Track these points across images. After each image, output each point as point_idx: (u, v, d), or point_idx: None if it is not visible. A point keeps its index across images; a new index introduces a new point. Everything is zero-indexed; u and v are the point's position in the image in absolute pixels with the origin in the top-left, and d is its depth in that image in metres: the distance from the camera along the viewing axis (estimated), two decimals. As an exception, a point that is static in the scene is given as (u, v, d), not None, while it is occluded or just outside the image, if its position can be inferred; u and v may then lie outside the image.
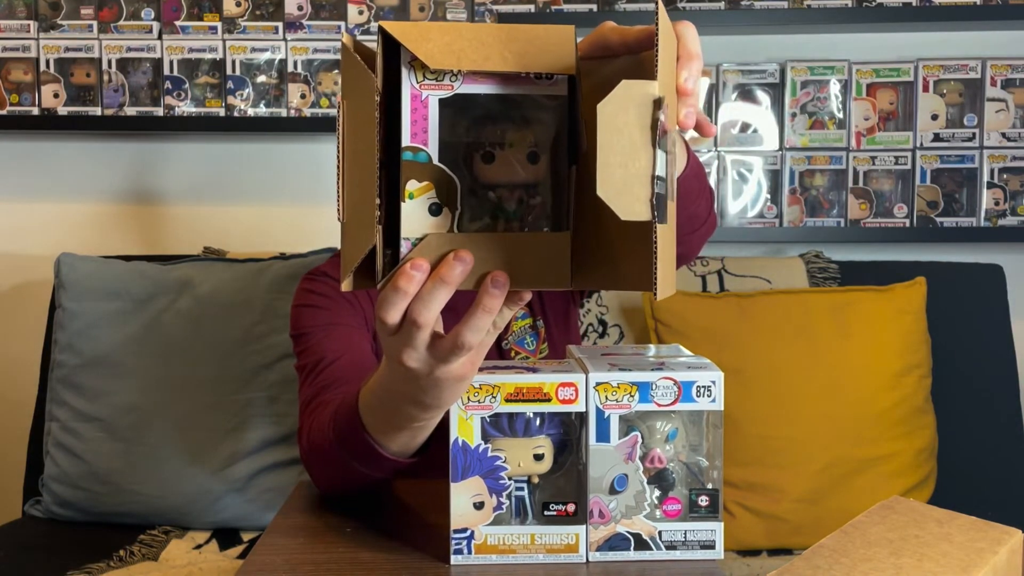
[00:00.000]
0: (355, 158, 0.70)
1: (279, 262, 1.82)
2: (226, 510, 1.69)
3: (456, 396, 0.80)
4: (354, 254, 0.70)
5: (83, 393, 1.74)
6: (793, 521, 1.65)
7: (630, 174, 0.63)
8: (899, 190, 2.00)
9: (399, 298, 0.69)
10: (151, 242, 2.12)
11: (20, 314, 2.14)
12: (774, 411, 1.69)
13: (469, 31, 0.69)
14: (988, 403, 1.84)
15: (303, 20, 2.02)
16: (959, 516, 0.82)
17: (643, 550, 0.87)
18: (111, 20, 2.03)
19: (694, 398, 0.85)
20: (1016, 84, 1.98)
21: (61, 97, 2.05)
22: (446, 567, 0.86)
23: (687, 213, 1.05)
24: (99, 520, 1.72)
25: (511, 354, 1.30)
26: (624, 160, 0.63)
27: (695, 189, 1.03)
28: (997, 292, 1.88)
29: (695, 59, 0.71)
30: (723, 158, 2.01)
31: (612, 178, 0.63)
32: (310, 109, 2.03)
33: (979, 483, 1.79)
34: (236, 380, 1.73)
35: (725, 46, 2.05)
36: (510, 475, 0.85)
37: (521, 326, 1.31)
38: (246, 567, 0.87)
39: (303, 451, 1.07)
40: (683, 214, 1.04)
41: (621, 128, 0.64)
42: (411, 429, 0.87)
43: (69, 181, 2.14)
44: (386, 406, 0.86)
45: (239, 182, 2.13)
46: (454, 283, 0.67)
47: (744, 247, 2.07)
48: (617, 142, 0.63)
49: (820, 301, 1.76)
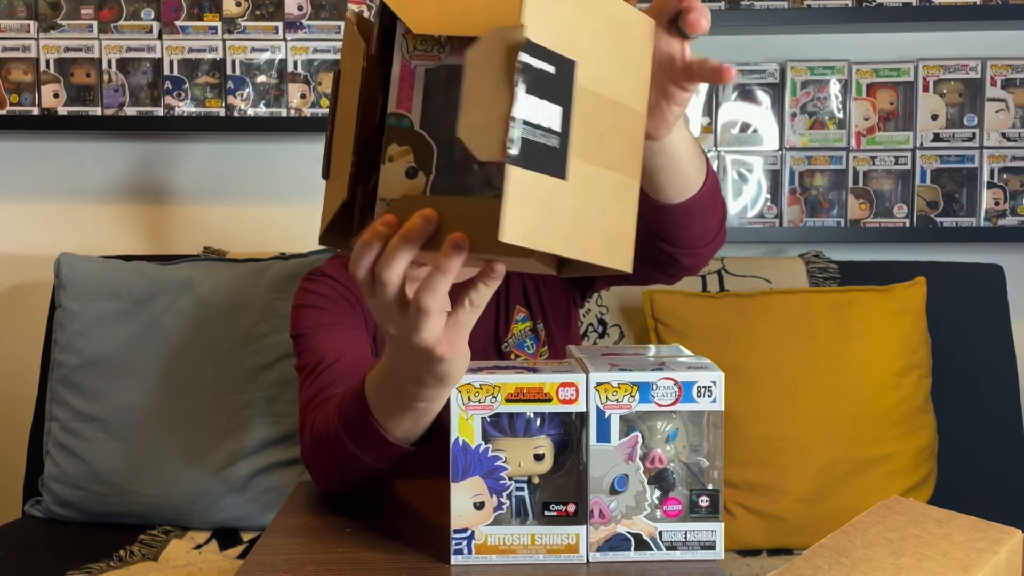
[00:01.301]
0: (343, 120, 0.74)
1: (279, 262, 1.82)
2: (226, 510, 1.70)
3: (443, 376, 0.80)
4: (328, 209, 0.74)
5: (83, 393, 1.74)
6: (793, 521, 1.66)
7: (490, 116, 0.63)
8: (899, 190, 2.00)
9: (365, 253, 0.72)
10: (151, 242, 2.12)
11: (20, 314, 2.14)
12: (774, 411, 1.69)
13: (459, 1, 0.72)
14: (988, 403, 1.84)
15: (303, 20, 2.02)
16: (959, 516, 0.82)
17: (643, 550, 0.87)
18: (111, 20, 2.03)
19: (695, 398, 0.85)
20: (1016, 84, 1.98)
21: (61, 97, 2.05)
22: (446, 567, 0.86)
23: (699, 230, 1.06)
24: (99, 520, 1.72)
25: (511, 357, 1.30)
26: (487, 103, 0.63)
27: (708, 207, 1.04)
28: (997, 292, 1.88)
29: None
30: (723, 158, 2.01)
31: (472, 120, 0.63)
32: (310, 109, 2.03)
33: (979, 483, 1.79)
34: (236, 380, 1.73)
35: (725, 46, 2.05)
36: (510, 475, 0.85)
37: (521, 329, 1.30)
38: (246, 567, 0.87)
39: (304, 448, 1.07)
40: (695, 230, 1.05)
41: (487, 73, 0.64)
42: (413, 410, 0.88)
43: (69, 181, 2.14)
44: (390, 383, 0.87)
45: (239, 182, 2.13)
46: (416, 240, 0.68)
47: (744, 247, 2.07)
48: (482, 86, 0.64)
49: (820, 301, 1.76)
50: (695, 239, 1.07)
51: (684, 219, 1.02)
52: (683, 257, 1.09)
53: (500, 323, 1.30)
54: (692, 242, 1.07)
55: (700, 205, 1.00)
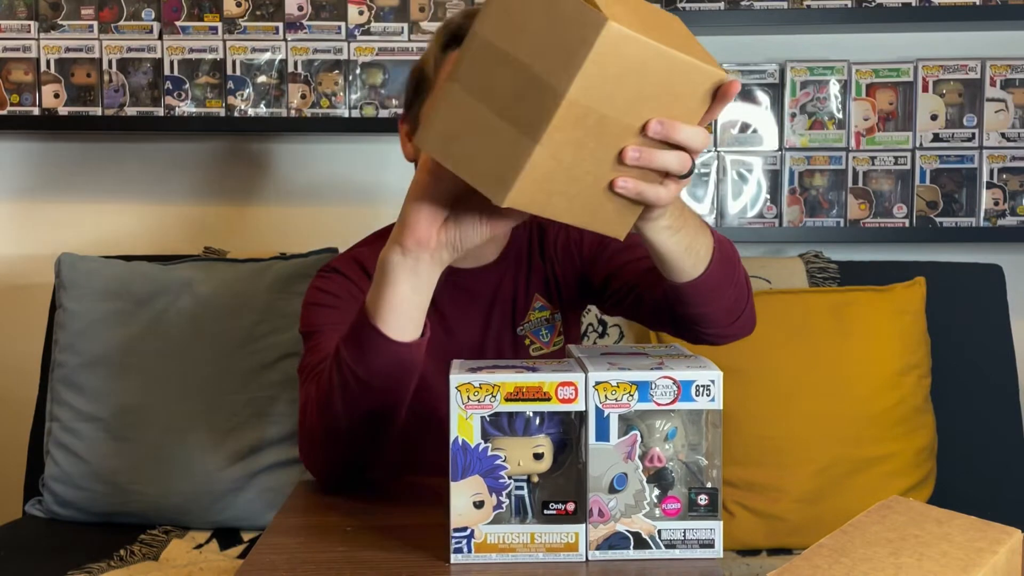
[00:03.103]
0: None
1: (280, 262, 1.82)
2: (226, 510, 1.70)
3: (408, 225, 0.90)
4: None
5: (84, 393, 1.74)
6: (792, 521, 1.66)
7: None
8: (898, 190, 2.00)
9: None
10: (152, 242, 2.13)
11: (20, 314, 2.14)
12: (773, 411, 1.69)
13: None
14: (987, 403, 1.84)
15: (303, 20, 2.02)
16: (958, 516, 0.82)
17: (642, 549, 0.87)
18: (111, 20, 2.03)
19: (693, 397, 0.85)
20: (1016, 84, 1.98)
21: (61, 97, 2.05)
22: (446, 566, 0.86)
23: (715, 307, 1.07)
24: (100, 520, 1.72)
25: (524, 342, 1.31)
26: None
27: (716, 285, 1.04)
28: (996, 292, 1.88)
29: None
30: (723, 158, 2.01)
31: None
32: (310, 109, 2.03)
33: (978, 483, 1.79)
34: (237, 380, 1.73)
35: (725, 46, 2.05)
36: (510, 474, 0.86)
37: (539, 317, 1.33)
38: (246, 567, 0.87)
39: (301, 428, 1.09)
40: (709, 308, 1.06)
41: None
42: (401, 288, 0.93)
43: (70, 181, 2.14)
44: (380, 271, 0.94)
45: (240, 182, 2.13)
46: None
47: (744, 247, 2.05)
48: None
49: (820, 301, 1.76)
50: (712, 318, 1.09)
51: (693, 297, 1.04)
52: (706, 335, 1.12)
53: (518, 307, 1.31)
54: (711, 320, 1.09)
55: (706, 284, 1.02)
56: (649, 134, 0.80)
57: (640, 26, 0.74)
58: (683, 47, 0.79)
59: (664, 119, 0.80)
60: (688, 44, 0.81)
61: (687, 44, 0.81)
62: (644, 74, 0.76)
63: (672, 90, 0.80)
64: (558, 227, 1.33)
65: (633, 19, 0.74)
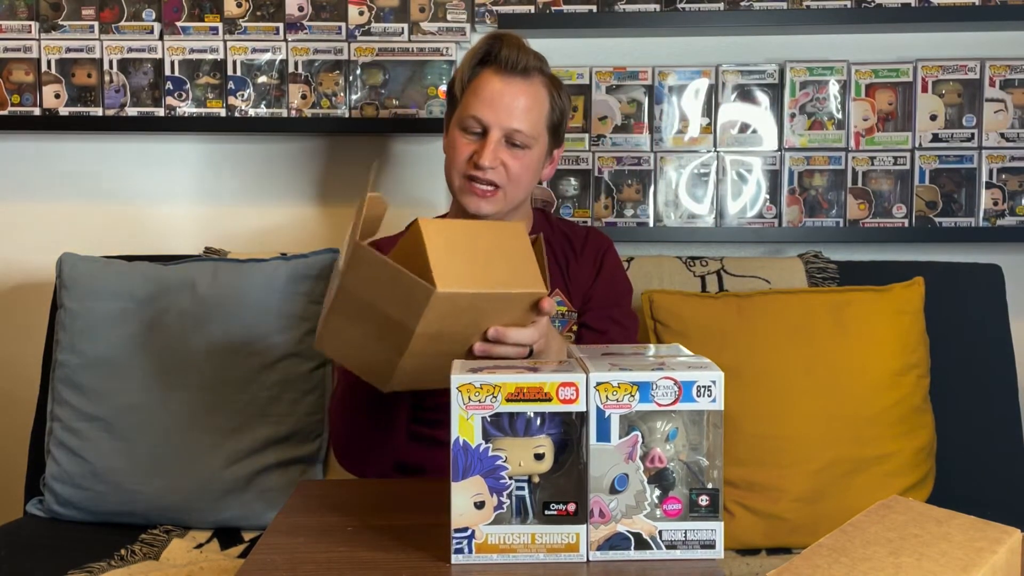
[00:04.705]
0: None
1: (280, 262, 1.82)
2: (227, 509, 1.70)
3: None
4: None
5: (84, 393, 1.74)
6: (792, 520, 1.66)
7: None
8: (898, 190, 2.01)
9: None
10: (153, 242, 2.13)
11: (21, 314, 2.15)
12: (774, 411, 1.69)
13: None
14: (987, 403, 1.84)
15: (304, 21, 2.02)
16: (958, 515, 0.82)
17: (643, 549, 0.87)
18: (112, 21, 2.04)
19: (694, 398, 0.85)
20: (1015, 84, 1.98)
21: (62, 97, 2.05)
22: (447, 566, 0.86)
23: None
24: (100, 519, 1.72)
25: None
26: None
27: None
28: (996, 292, 1.88)
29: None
30: (722, 158, 2.01)
31: None
32: (311, 109, 2.03)
33: (978, 483, 1.79)
34: (237, 380, 1.73)
35: (724, 47, 2.05)
36: (511, 475, 0.86)
37: (558, 308, 1.43)
38: (247, 566, 0.88)
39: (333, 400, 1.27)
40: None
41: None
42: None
43: (71, 181, 2.14)
44: None
45: (240, 182, 2.13)
46: None
47: (743, 247, 2.08)
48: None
49: (819, 301, 1.76)
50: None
51: None
52: None
53: None
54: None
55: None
56: (488, 339, 1.06)
57: (469, 268, 1.00)
58: (513, 267, 1.05)
59: (498, 328, 1.05)
60: (519, 257, 1.07)
61: (518, 258, 1.07)
62: (475, 307, 1.01)
63: (500, 309, 1.04)
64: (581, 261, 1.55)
65: (464, 260, 1.00)
